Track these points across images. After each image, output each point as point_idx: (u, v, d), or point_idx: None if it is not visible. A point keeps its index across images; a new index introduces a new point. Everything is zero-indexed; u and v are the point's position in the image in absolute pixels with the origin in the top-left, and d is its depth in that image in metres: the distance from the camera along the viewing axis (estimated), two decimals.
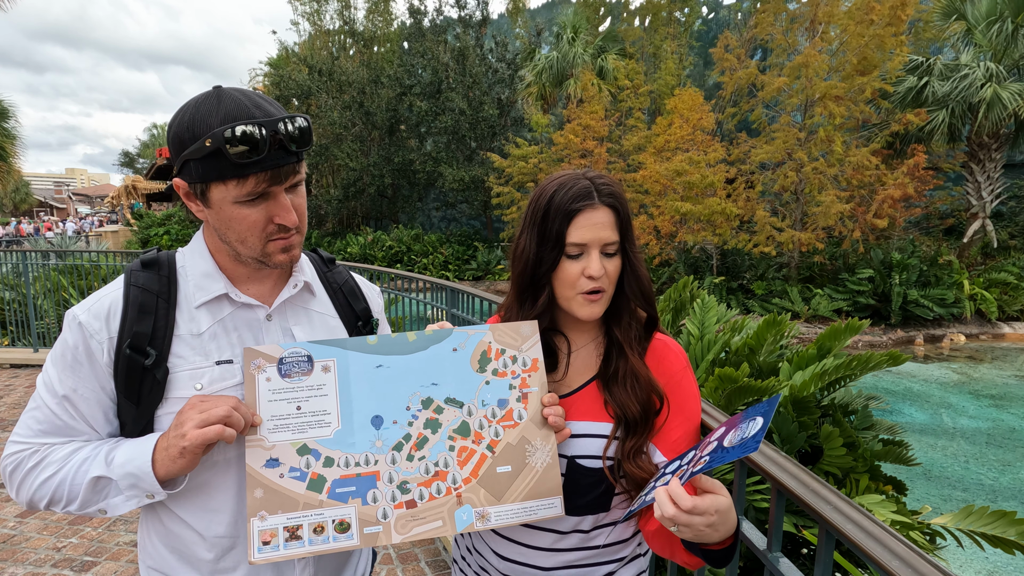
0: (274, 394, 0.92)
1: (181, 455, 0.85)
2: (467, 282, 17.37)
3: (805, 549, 2.22)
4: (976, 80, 12.88)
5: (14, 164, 18.86)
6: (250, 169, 0.86)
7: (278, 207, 0.92)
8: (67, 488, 0.90)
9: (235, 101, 0.88)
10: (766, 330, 2.64)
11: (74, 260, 7.37)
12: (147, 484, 0.88)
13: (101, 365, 0.92)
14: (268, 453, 0.90)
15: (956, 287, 12.52)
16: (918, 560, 0.70)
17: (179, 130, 0.89)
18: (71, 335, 0.93)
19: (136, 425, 0.94)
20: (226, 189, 0.88)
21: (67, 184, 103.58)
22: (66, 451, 0.92)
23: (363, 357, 0.96)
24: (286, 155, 0.89)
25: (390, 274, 5.01)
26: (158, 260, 1.00)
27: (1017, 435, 7.19)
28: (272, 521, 0.87)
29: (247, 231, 0.93)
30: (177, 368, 0.93)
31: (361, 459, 0.92)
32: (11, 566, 2.92)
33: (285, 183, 0.92)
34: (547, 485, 0.98)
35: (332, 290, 1.17)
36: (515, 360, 1.02)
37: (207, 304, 0.98)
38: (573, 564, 1.06)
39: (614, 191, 1.02)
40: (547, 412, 1.00)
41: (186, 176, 0.90)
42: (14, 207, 52.85)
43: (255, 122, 0.85)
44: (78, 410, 0.93)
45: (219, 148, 0.84)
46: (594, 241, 0.99)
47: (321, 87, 20.05)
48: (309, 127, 0.91)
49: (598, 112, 15.22)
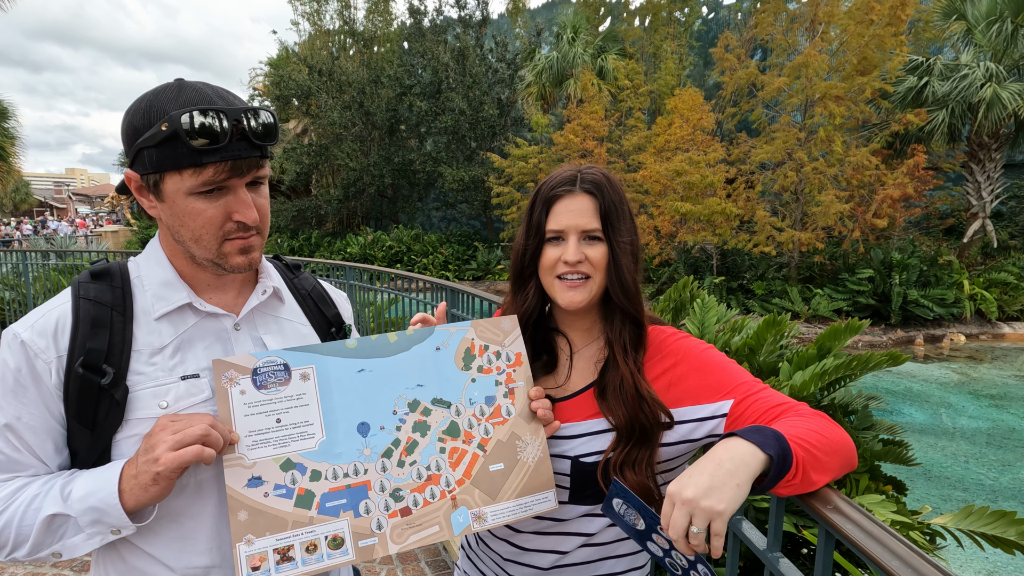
0: (250, 408, 0.85)
1: (154, 482, 0.77)
2: (467, 282, 17.36)
3: (805, 549, 2.22)
4: (976, 80, 12.88)
5: (14, 164, 18.86)
6: (208, 157, 0.79)
7: (238, 202, 0.85)
8: (14, 531, 0.79)
9: (196, 90, 0.83)
10: (766, 330, 2.63)
11: (74, 260, 7.37)
12: (113, 518, 0.79)
13: (48, 388, 0.83)
14: (249, 472, 0.83)
15: (956, 287, 12.52)
16: (918, 560, 0.70)
17: (133, 118, 0.82)
18: (12, 356, 0.83)
19: (91, 453, 0.85)
20: (181, 179, 0.81)
21: (67, 184, 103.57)
22: (10, 489, 0.82)
23: (343, 362, 0.92)
24: (248, 147, 0.83)
25: (390, 274, 5.01)
26: (109, 270, 0.91)
27: (1017, 435, 7.19)
28: (260, 544, 0.81)
29: (202, 228, 0.85)
30: (138, 386, 0.85)
31: (350, 469, 0.88)
32: (11, 566, 2.92)
33: (246, 176, 0.85)
34: (540, 479, 0.97)
35: (301, 296, 1.10)
36: (499, 356, 1.01)
37: (168, 315, 0.90)
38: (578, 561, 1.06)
39: (597, 179, 1.01)
40: (535, 406, 0.99)
41: (139, 167, 0.83)
42: (14, 207, 52.87)
43: (215, 108, 0.79)
44: (23, 440, 0.83)
45: (175, 132, 0.77)
46: (571, 227, 1.00)
47: (321, 87, 20.04)
48: (275, 123, 0.85)
49: (598, 112, 15.22)
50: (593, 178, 1.01)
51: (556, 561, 1.05)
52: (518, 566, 1.08)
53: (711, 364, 0.99)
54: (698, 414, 0.98)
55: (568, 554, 1.05)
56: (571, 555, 1.05)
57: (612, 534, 1.05)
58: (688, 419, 0.99)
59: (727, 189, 12.96)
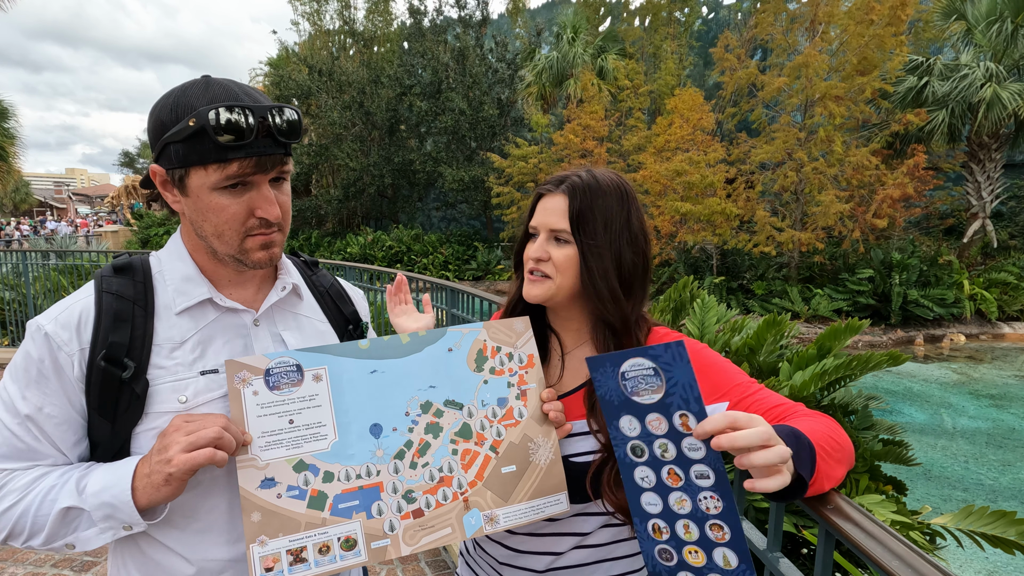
0: (263, 408, 0.85)
1: (167, 482, 0.77)
2: (467, 282, 17.37)
3: (805, 549, 2.22)
4: (976, 80, 12.88)
5: (14, 164, 18.87)
6: (234, 153, 0.81)
7: (260, 198, 0.86)
8: (30, 520, 0.80)
9: (223, 87, 0.84)
10: (766, 330, 2.63)
11: (74, 260, 7.37)
12: (125, 515, 0.79)
13: (71, 380, 0.84)
14: (262, 473, 0.83)
15: (956, 287, 12.52)
16: (918, 560, 0.70)
17: (161, 113, 0.83)
18: (36, 347, 0.84)
19: (111, 445, 0.86)
20: (206, 174, 0.82)
21: (67, 184, 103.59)
22: (29, 478, 0.83)
23: (356, 363, 0.92)
24: (273, 144, 0.84)
25: (390, 274, 5.01)
26: (131, 265, 0.93)
27: (1017, 435, 7.19)
28: (273, 545, 0.81)
29: (225, 223, 0.86)
30: (158, 380, 0.86)
31: (362, 471, 0.88)
32: (11, 566, 2.92)
33: (270, 173, 0.86)
34: (552, 481, 0.97)
35: (319, 293, 1.11)
36: (511, 357, 1.01)
37: (189, 310, 0.91)
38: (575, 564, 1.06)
39: (577, 182, 1.01)
40: (547, 408, 0.99)
41: (164, 161, 0.84)
42: (14, 207, 52.85)
43: (242, 105, 0.80)
44: (43, 431, 0.84)
45: (203, 127, 0.78)
46: (542, 225, 1.03)
47: (321, 87, 20.05)
48: (299, 120, 0.87)
49: (598, 112, 15.23)
50: (575, 181, 1.01)
51: (551, 563, 1.05)
52: (513, 569, 1.07)
53: (707, 365, 0.99)
54: None
55: (562, 555, 1.04)
56: (565, 557, 1.04)
57: (607, 535, 1.05)
58: None
59: (727, 189, 12.96)
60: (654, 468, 0.78)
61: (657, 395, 0.76)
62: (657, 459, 0.78)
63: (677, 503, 0.77)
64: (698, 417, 0.74)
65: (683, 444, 0.76)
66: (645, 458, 0.78)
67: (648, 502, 0.79)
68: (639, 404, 0.78)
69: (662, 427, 0.77)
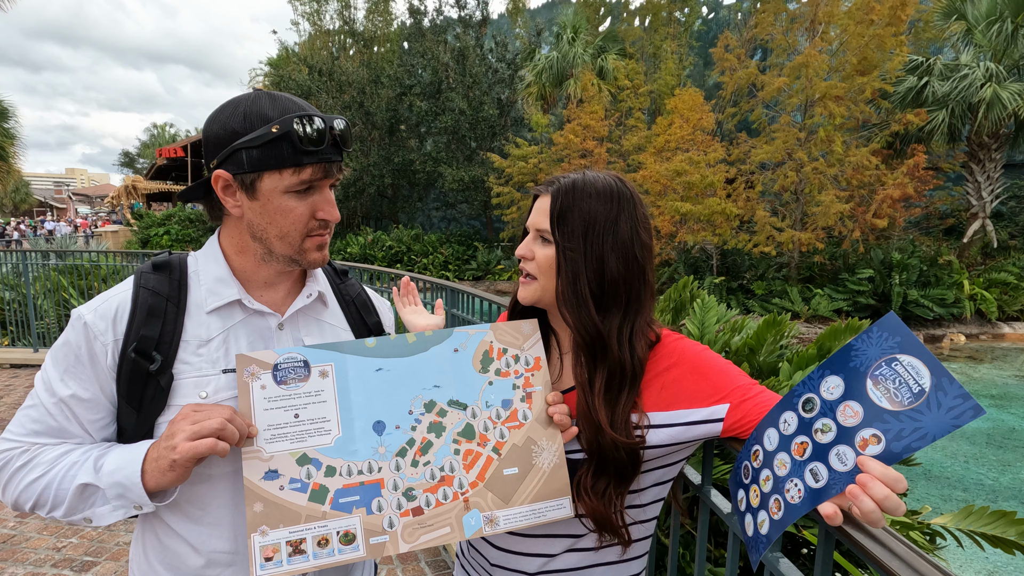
0: (270, 402, 0.88)
1: (171, 468, 0.81)
2: (467, 282, 17.36)
3: (805, 549, 2.22)
4: (976, 80, 12.88)
5: (14, 164, 18.87)
6: (309, 159, 0.88)
7: (323, 201, 0.94)
8: (53, 492, 0.86)
9: (289, 99, 0.91)
10: (766, 330, 2.64)
11: (74, 260, 7.37)
12: (135, 495, 0.84)
13: (104, 367, 0.89)
14: (266, 465, 0.85)
15: (956, 287, 12.53)
16: (918, 560, 0.70)
17: (230, 121, 0.88)
18: (75, 335, 0.90)
19: (137, 432, 0.91)
20: (280, 178, 0.89)
21: (67, 184, 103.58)
22: (56, 453, 0.89)
23: (362, 361, 0.93)
24: (336, 152, 0.92)
25: (390, 274, 5.01)
26: (170, 263, 0.97)
27: (1017, 435, 7.19)
28: (274, 536, 0.83)
29: (291, 225, 0.92)
30: (182, 375, 0.91)
31: (364, 467, 0.89)
32: (11, 566, 2.92)
33: (332, 178, 0.94)
34: (555, 486, 0.96)
35: (345, 302, 1.14)
36: (517, 359, 1.00)
37: (218, 310, 0.95)
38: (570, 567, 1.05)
39: (563, 183, 0.99)
40: (552, 411, 0.98)
41: (233, 166, 0.89)
42: (14, 207, 52.86)
43: (317, 115, 0.89)
44: (74, 413, 0.90)
45: (288, 133, 0.86)
46: (531, 224, 1.04)
47: (321, 87, 20.06)
48: (350, 130, 0.95)
49: (598, 112, 15.23)
50: (563, 181, 1.00)
51: (543, 566, 1.03)
52: (505, 571, 1.06)
53: (707, 367, 0.98)
54: (691, 417, 0.96)
55: (555, 558, 1.03)
56: (558, 559, 1.03)
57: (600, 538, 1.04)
58: (679, 422, 0.97)
59: (727, 189, 12.97)
60: (803, 429, 0.79)
61: (888, 404, 0.70)
62: (809, 427, 0.78)
63: (779, 464, 0.81)
64: (881, 457, 0.70)
65: (839, 448, 0.74)
66: (809, 415, 0.78)
67: (769, 438, 0.84)
68: (866, 392, 0.72)
69: (849, 420, 0.73)
